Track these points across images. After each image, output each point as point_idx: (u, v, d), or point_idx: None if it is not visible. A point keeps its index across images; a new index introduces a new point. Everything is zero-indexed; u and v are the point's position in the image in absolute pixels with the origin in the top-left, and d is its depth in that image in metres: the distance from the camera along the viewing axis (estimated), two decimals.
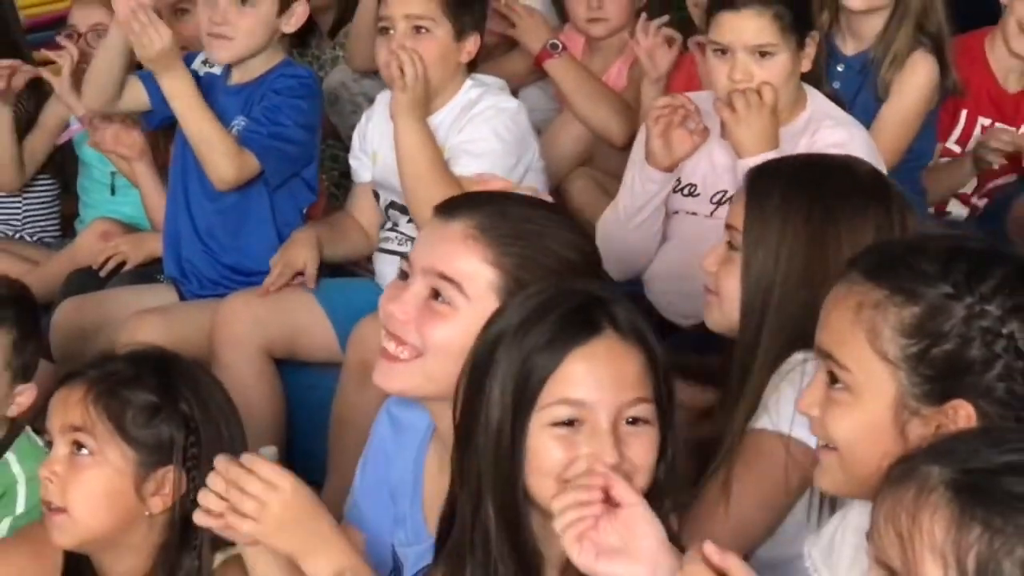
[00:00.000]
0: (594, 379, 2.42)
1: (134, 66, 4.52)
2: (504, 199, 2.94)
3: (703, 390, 3.44)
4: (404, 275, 2.76)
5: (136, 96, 4.61)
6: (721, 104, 4.06)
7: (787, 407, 2.92)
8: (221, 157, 4.36)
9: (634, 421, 2.41)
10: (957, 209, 5.10)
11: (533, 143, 4.38)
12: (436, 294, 2.70)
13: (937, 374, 2.35)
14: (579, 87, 4.94)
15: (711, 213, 4.12)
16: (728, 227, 3.14)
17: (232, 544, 2.92)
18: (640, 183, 4.20)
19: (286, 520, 2.59)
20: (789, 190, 3.08)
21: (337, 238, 4.49)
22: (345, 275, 4.60)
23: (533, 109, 4.79)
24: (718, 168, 4.17)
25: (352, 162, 4.55)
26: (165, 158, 4.92)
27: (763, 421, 3.00)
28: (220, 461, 2.61)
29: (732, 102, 4.01)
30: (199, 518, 2.60)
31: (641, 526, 2.33)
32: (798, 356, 2.94)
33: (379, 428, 2.99)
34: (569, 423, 2.41)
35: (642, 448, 2.41)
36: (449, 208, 2.79)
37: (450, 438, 2.63)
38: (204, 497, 2.57)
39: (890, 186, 3.18)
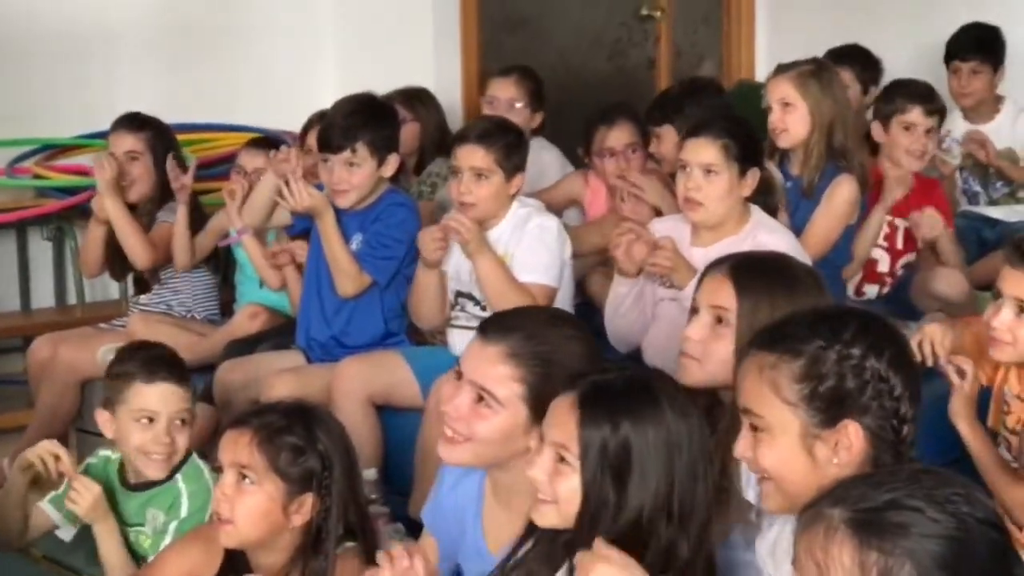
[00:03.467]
0: None
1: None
2: (530, 323, 2.86)
3: None
4: (459, 374, 2.79)
5: (282, 217, 4.76)
6: (651, 276, 4.12)
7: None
8: (347, 278, 4.48)
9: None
10: (871, 290, 5.01)
11: (568, 248, 4.39)
12: (480, 398, 2.73)
13: (826, 405, 2.35)
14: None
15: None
16: (714, 307, 3.03)
17: (348, 540, 3.02)
18: (615, 288, 4.25)
19: None
20: (766, 280, 3.03)
21: None
22: (427, 345, 4.60)
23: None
24: None
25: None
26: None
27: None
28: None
29: (655, 266, 4.04)
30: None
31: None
32: None
33: (448, 468, 2.99)
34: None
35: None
36: (488, 332, 2.80)
37: (498, 487, 2.80)
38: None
39: (819, 275, 3.15)
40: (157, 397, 3.49)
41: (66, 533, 3.59)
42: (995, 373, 3.50)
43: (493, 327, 2.83)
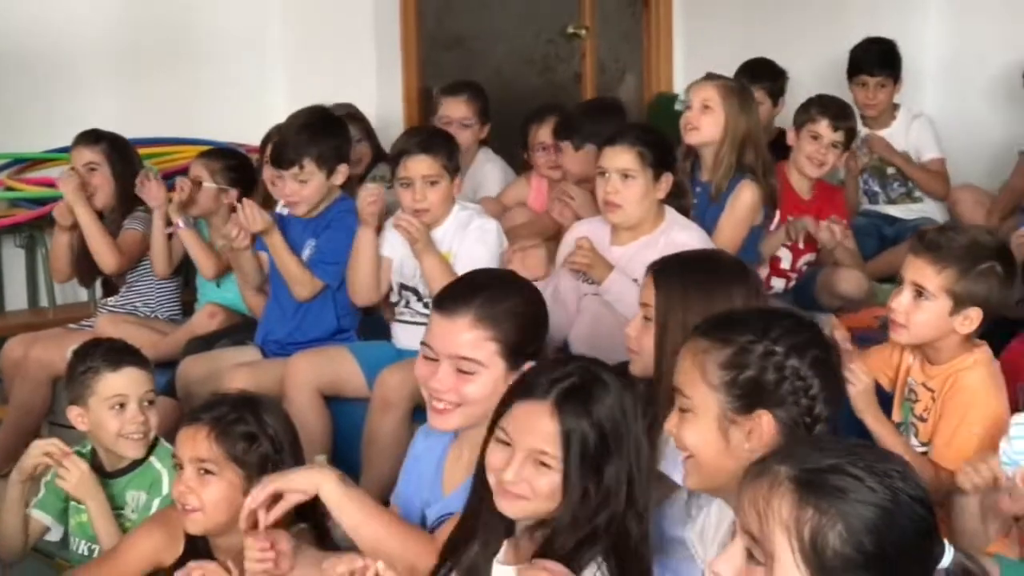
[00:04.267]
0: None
1: None
2: (481, 286, 2.90)
3: None
4: (427, 354, 2.84)
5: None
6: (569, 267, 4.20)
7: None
8: (300, 285, 4.52)
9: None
10: (778, 283, 5.05)
11: (505, 245, 4.45)
12: (461, 367, 2.80)
13: (744, 394, 2.41)
14: None
15: None
16: (643, 305, 3.11)
17: (301, 521, 3.01)
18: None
19: None
20: (683, 280, 3.06)
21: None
22: (373, 339, 4.59)
23: None
24: None
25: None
26: None
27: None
28: None
29: (574, 263, 4.15)
30: None
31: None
32: None
33: (415, 444, 3.05)
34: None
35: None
36: (448, 306, 2.84)
37: (472, 443, 2.76)
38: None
39: (748, 270, 3.18)
40: (125, 382, 3.51)
41: (56, 533, 3.61)
42: (896, 376, 3.56)
43: (450, 301, 2.87)
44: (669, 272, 3.10)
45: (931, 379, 3.42)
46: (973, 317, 3.31)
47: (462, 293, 2.92)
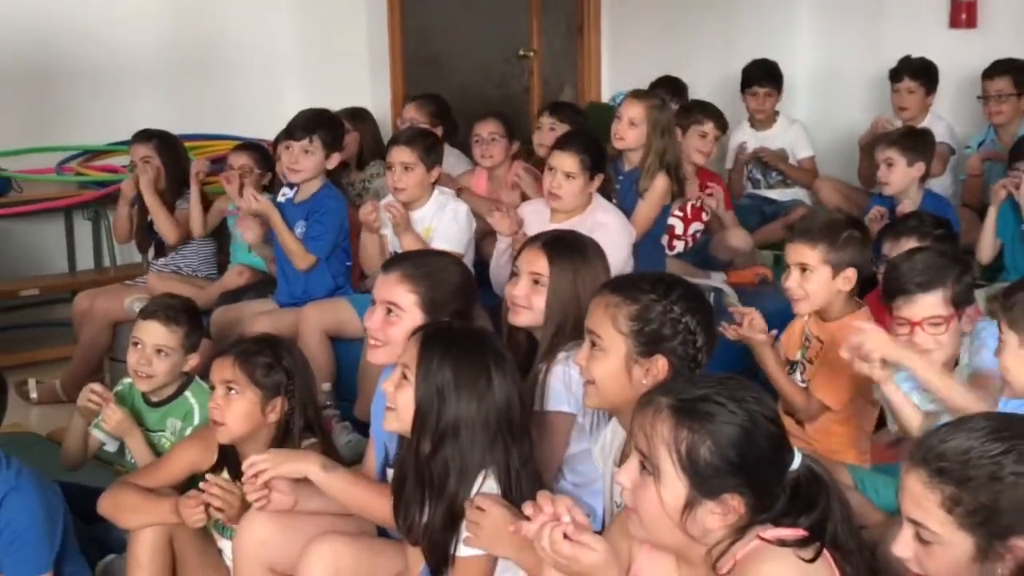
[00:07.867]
0: None
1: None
2: (416, 255, 2.92)
3: None
4: (373, 301, 2.84)
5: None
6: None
7: (555, 384, 2.82)
8: (298, 258, 4.40)
9: None
10: (679, 245, 5.03)
11: (473, 225, 4.39)
12: (389, 311, 2.78)
13: (646, 341, 2.40)
14: None
15: None
16: (533, 272, 2.97)
17: (312, 435, 3.01)
18: (498, 244, 4.27)
19: None
20: (569, 252, 2.97)
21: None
22: (367, 293, 4.55)
23: None
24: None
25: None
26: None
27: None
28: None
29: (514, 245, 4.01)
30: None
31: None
32: (561, 354, 2.81)
33: (380, 382, 2.80)
34: None
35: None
36: (388, 265, 2.89)
37: None
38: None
39: (599, 247, 3.03)
40: (144, 329, 3.43)
41: (112, 446, 3.55)
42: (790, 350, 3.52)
43: (391, 263, 2.92)
44: (558, 248, 2.99)
45: (822, 333, 3.39)
46: (850, 276, 3.30)
47: (400, 258, 2.97)
